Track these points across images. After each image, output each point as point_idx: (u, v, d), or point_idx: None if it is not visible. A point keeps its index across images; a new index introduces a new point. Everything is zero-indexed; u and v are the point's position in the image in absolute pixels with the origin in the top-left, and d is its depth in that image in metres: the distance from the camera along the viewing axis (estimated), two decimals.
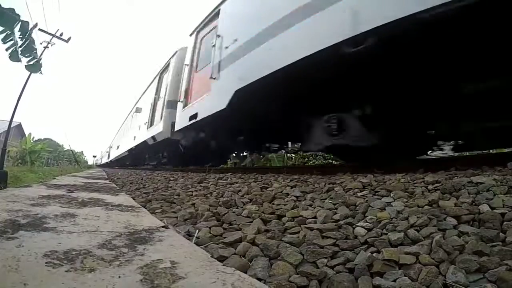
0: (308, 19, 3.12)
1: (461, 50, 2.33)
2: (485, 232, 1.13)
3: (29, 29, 5.22)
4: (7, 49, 5.10)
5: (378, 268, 1.01)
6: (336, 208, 1.72)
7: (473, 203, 1.44)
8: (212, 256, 1.12)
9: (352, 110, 3.30)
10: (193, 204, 2.35)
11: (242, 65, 4.16)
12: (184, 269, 0.92)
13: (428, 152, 3.99)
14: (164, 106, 7.70)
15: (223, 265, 1.02)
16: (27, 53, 5.31)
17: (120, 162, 16.89)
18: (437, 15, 2.03)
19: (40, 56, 7.61)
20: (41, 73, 6.01)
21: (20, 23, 5.07)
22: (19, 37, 5.08)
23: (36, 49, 5.43)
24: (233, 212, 1.92)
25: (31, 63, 5.44)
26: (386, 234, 1.27)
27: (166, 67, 8.68)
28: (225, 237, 1.43)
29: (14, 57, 5.16)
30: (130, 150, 11.91)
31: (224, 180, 3.76)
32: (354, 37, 2.55)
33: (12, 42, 5.11)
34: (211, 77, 4.88)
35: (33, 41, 5.37)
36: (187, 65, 6.53)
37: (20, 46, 5.14)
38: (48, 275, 0.80)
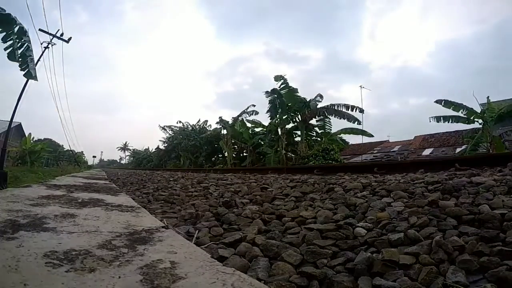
0: None
1: None
2: (485, 232, 1.13)
3: (26, 34, 5.26)
4: (5, 49, 5.14)
5: (378, 268, 1.01)
6: (336, 209, 1.72)
7: (473, 204, 1.44)
8: (212, 257, 1.11)
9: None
10: (193, 204, 2.35)
11: None
12: (184, 269, 0.92)
13: None
14: None
15: (223, 265, 1.02)
16: (22, 60, 5.36)
17: None
18: None
19: (36, 62, 7.66)
20: (36, 79, 6.07)
21: (18, 26, 5.11)
22: (15, 39, 5.13)
23: (29, 56, 5.47)
24: (233, 213, 1.92)
25: (25, 71, 5.49)
26: (386, 234, 1.27)
27: None
28: (225, 238, 1.43)
29: (11, 56, 5.20)
30: None
31: (224, 180, 3.76)
32: None
33: (11, 42, 5.15)
34: None
35: (27, 49, 5.41)
36: None
37: (17, 49, 5.19)
38: (48, 275, 0.80)
